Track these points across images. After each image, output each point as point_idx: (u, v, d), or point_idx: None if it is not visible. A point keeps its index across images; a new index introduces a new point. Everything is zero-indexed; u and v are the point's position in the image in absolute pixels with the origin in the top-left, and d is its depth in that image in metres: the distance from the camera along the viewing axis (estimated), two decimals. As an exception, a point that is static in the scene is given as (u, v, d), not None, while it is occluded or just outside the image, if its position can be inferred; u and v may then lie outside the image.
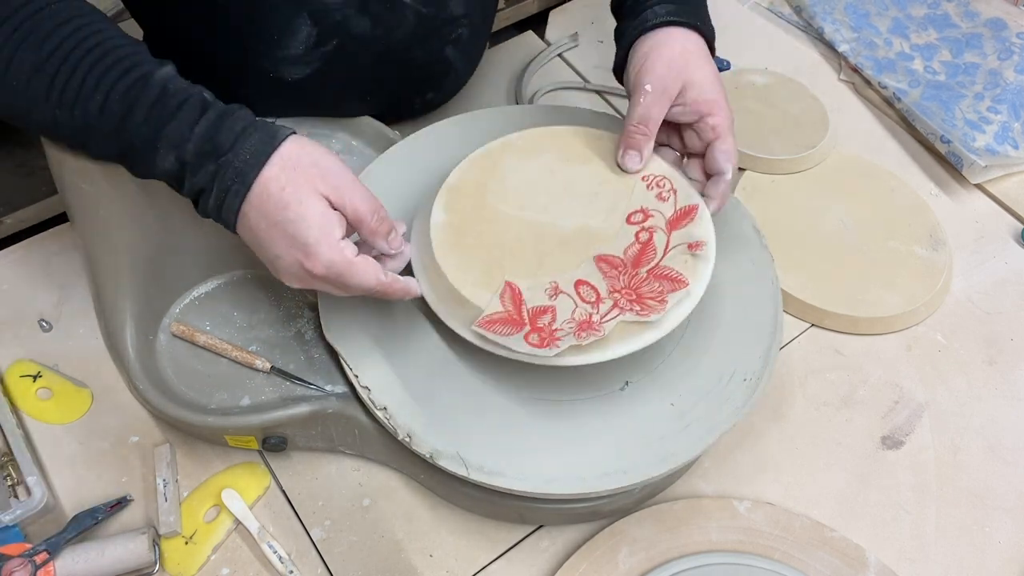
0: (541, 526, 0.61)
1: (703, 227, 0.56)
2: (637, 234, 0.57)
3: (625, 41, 0.62)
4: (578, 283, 0.54)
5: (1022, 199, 0.84)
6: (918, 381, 0.70)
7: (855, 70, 0.94)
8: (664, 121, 0.59)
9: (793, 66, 0.94)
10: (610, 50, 0.96)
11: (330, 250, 0.48)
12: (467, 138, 0.70)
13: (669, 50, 0.58)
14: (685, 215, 0.57)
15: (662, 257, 0.55)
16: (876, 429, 0.67)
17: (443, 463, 0.53)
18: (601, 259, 0.55)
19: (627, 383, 0.57)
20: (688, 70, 0.57)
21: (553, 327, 0.51)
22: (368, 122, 0.75)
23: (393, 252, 0.53)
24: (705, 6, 0.64)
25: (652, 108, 0.57)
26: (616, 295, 0.53)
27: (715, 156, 0.58)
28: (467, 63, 0.79)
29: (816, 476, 0.64)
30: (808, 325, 0.74)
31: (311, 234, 0.47)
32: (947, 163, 0.87)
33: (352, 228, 0.51)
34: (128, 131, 0.48)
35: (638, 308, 0.52)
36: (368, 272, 0.49)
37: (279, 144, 0.48)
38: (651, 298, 0.52)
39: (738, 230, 0.66)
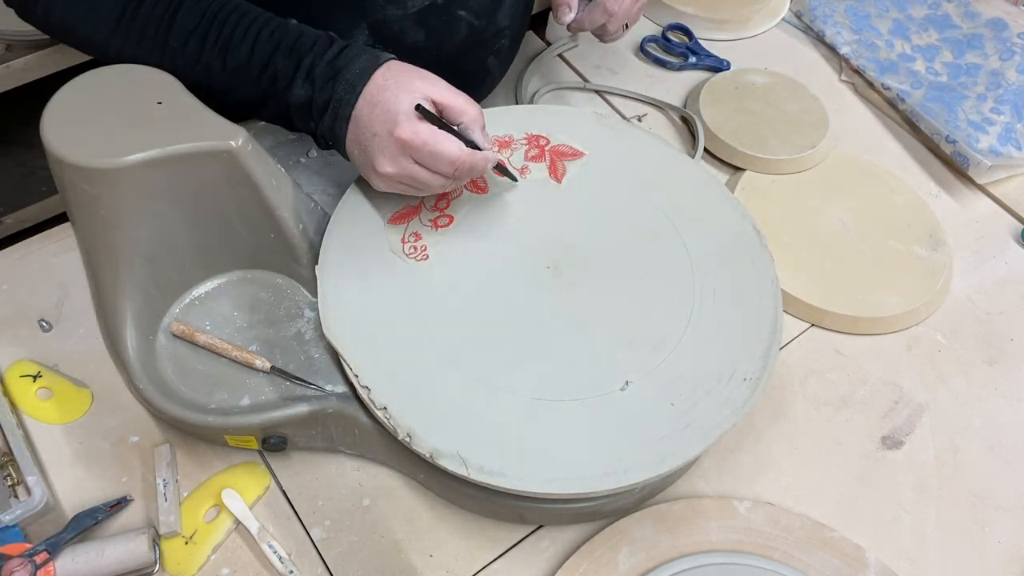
0: (541, 526, 0.61)
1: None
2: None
3: None
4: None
5: (1022, 199, 0.84)
6: (918, 381, 0.70)
7: (857, 72, 0.94)
8: None
9: (793, 66, 0.94)
10: (610, 50, 0.96)
11: (418, 120, 0.56)
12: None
13: None
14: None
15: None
16: (876, 429, 0.67)
17: (443, 463, 0.53)
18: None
19: (627, 383, 0.57)
20: None
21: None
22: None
23: (487, 145, 0.59)
24: None
25: None
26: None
27: None
28: (502, 70, 0.83)
29: (816, 476, 0.64)
30: (808, 325, 0.74)
31: (401, 107, 0.55)
32: (947, 163, 0.87)
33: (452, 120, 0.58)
34: (275, 66, 0.58)
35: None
36: (451, 140, 0.56)
37: (383, 62, 0.57)
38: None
39: (738, 230, 0.66)
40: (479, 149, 0.58)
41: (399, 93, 0.56)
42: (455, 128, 0.58)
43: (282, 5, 0.64)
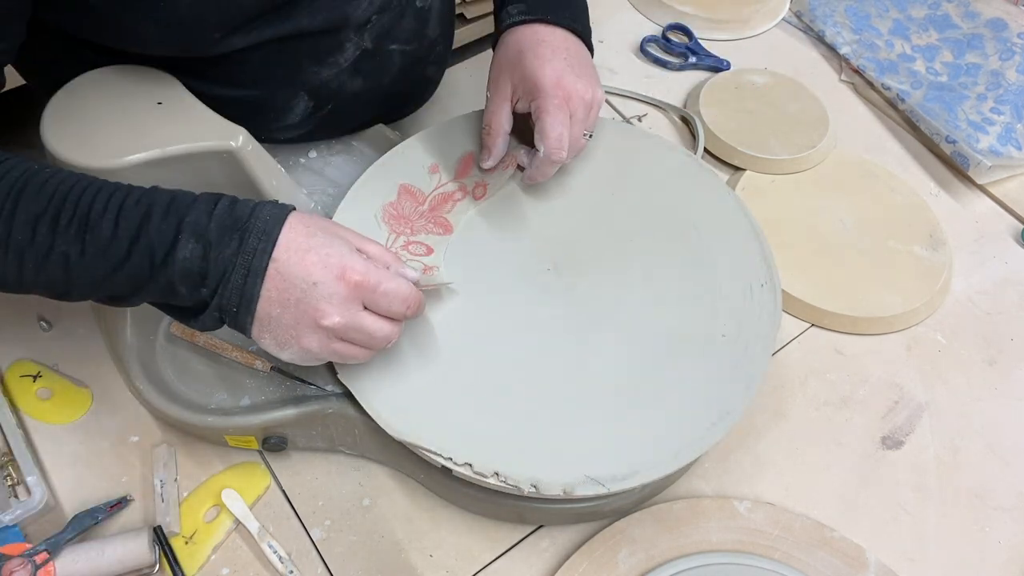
0: (541, 526, 0.61)
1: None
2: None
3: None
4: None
5: (1022, 199, 0.84)
6: (918, 381, 0.70)
7: (857, 72, 0.94)
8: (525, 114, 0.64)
9: (793, 66, 0.94)
10: (610, 50, 0.96)
11: (364, 261, 0.50)
12: (466, 139, 0.71)
13: (505, 50, 0.64)
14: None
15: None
16: (876, 429, 0.67)
17: (444, 464, 0.53)
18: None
19: (627, 383, 0.57)
20: (520, 65, 0.62)
21: None
22: (368, 122, 0.75)
23: (414, 275, 0.54)
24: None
25: (492, 113, 0.65)
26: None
27: (536, 135, 0.62)
28: (441, 69, 0.81)
29: (816, 476, 0.64)
30: (808, 325, 0.74)
31: (343, 249, 0.49)
32: (947, 163, 0.87)
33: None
34: (149, 235, 0.46)
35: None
36: (400, 278, 0.51)
37: (290, 209, 0.50)
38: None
39: (738, 230, 0.66)
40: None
41: (332, 238, 0.49)
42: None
43: (221, 84, 0.62)
